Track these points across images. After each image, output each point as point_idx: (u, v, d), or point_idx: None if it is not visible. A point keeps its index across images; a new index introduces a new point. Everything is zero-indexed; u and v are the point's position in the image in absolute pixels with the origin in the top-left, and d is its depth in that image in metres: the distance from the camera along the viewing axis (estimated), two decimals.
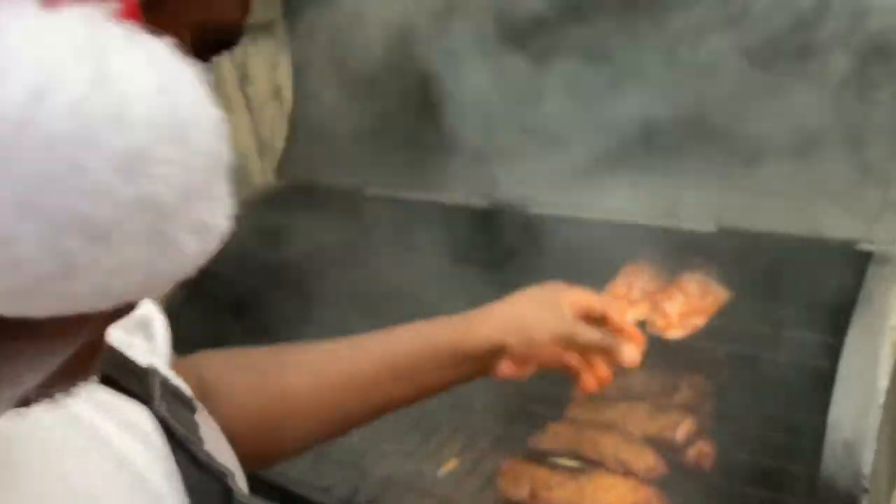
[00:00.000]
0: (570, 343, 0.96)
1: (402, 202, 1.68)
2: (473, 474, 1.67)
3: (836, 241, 1.24)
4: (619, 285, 1.69)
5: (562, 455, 1.62)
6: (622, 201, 1.58)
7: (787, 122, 1.20)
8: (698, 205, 1.40)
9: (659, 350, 1.75)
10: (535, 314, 0.94)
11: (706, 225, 1.50)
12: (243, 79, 2.70)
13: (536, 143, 1.55)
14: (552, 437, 1.65)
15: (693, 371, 1.71)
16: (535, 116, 1.58)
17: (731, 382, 1.73)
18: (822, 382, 1.24)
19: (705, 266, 1.68)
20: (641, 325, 1.47)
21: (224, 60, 2.13)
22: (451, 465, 1.72)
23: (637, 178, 1.62)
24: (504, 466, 1.59)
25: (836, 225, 1.22)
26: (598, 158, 1.60)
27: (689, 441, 1.57)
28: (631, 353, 1.05)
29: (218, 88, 2.79)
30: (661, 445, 1.56)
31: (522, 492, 1.51)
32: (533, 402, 1.90)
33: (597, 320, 1.02)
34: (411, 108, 1.55)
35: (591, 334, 0.98)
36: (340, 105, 1.64)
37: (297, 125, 1.83)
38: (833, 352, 1.19)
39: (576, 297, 0.99)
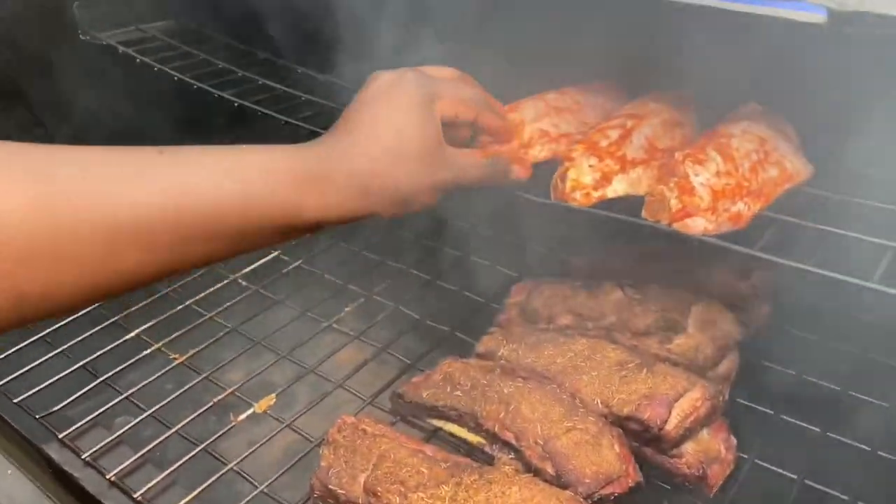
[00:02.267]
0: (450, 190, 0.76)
1: None
2: (289, 429, 0.94)
3: None
4: (604, 130, 0.91)
5: (450, 417, 0.88)
6: None
7: None
8: None
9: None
10: (405, 157, 0.71)
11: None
12: None
13: None
14: (444, 381, 0.91)
15: (717, 297, 0.96)
16: None
17: (790, 325, 1.00)
18: None
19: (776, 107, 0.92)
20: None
21: None
22: (265, 403, 0.98)
23: None
24: (340, 424, 0.85)
25: None
26: None
27: (689, 432, 0.82)
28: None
29: None
30: (635, 432, 0.82)
31: (353, 482, 0.78)
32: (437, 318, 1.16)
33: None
34: None
35: (476, 172, 0.78)
36: None
37: None
38: None
39: (449, 108, 0.76)
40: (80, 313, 1.14)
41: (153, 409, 0.97)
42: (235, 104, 1.15)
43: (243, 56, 1.34)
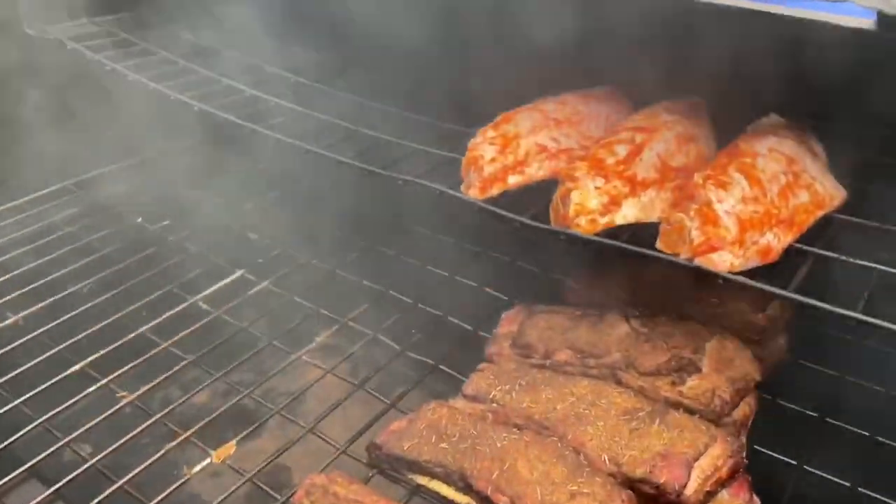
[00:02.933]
0: None
1: None
2: (251, 483, 0.82)
3: None
4: (610, 146, 0.81)
5: (434, 474, 0.77)
6: None
7: None
8: None
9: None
10: None
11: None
12: None
13: None
14: (428, 430, 0.80)
15: (730, 329, 0.87)
16: None
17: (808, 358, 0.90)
18: None
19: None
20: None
21: None
22: (223, 452, 0.86)
23: None
24: (308, 486, 0.73)
25: None
26: None
27: (710, 496, 0.72)
28: None
29: None
30: (649, 496, 0.72)
31: None
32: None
33: None
34: None
35: None
36: None
37: None
38: None
39: None
40: (17, 342, 1.02)
41: (97, 459, 0.85)
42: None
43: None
